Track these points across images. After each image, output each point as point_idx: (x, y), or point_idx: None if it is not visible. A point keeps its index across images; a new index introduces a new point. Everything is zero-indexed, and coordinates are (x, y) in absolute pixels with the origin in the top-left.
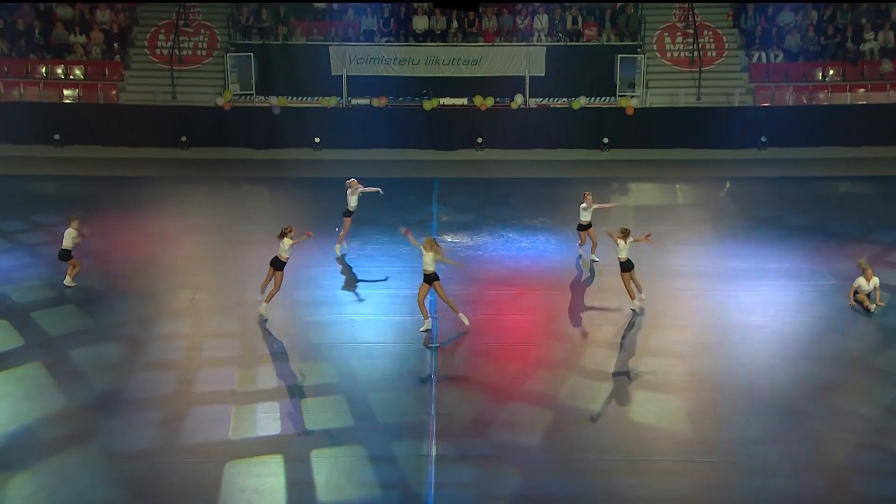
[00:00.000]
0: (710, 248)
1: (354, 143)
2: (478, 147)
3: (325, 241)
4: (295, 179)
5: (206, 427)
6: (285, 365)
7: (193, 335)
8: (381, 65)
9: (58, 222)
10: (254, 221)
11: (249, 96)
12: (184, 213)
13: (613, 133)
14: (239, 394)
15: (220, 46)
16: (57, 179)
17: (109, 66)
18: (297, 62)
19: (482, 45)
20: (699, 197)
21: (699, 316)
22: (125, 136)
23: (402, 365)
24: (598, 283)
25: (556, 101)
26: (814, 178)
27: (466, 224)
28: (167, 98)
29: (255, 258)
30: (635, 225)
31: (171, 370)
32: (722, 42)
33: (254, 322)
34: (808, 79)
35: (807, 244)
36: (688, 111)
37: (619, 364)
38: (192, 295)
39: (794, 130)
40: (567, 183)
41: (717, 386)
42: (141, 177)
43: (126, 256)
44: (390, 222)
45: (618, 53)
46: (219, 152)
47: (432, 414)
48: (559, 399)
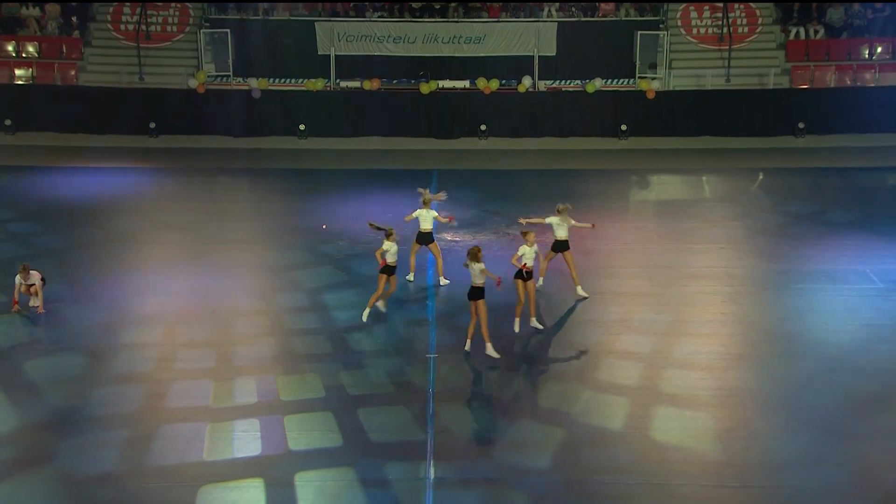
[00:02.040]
0: (741, 247)
1: (344, 131)
2: (481, 135)
3: (311, 241)
4: (277, 171)
5: (177, 447)
6: (266, 378)
7: (163, 345)
8: (373, 43)
9: (8, 218)
10: (231, 218)
11: (226, 78)
12: (152, 208)
13: (632, 119)
14: (214, 410)
15: (192, 22)
16: (7, 171)
17: (67, 42)
18: (280, 40)
19: (486, 22)
20: (728, 191)
21: (728, 324)
22: (86, 123)
23: (396, 377)
24: (615, 287)
25: (568, 83)
26: (858, 168)
27: (468, 221)
28: (133, 79)
29: (232, 259)
30: (657, 222)
31: (139, 384)
32: (755, 16)
33: (230, 330)
34: (853, 57)
35: (850, 243)
36: (716, 94)
37: (639, 377)
38: (163, 300)
39: (835, 116)
40: (581, 175)
41: (748, 402)
42: (104, 168)
43: (87, 257)
44: (384, 218)
45: (637, 30)
46: (192, 140)
47: (430, 432)
48: (571, 416)
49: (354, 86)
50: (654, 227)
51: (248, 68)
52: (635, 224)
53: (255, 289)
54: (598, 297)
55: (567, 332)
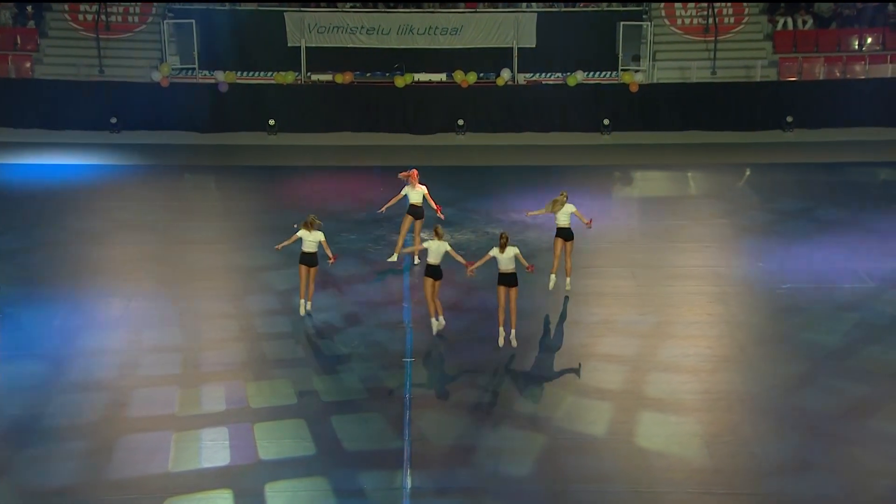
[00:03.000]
0: (728, 246)
1: (315, 126)
2: (459, 130)
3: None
4: (246, 168)
5: (141, 458)
6: (235, 384)
7: (127, 350)
8: (345, 34)
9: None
10: (198, 217)
11: (191, 71)
12: (115, 207)
13: (615, 114)
14: (180, 418)
15: (155, 12)
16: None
17: (22, 33)
18: (247, 31)
19: (463, 12)
20: (714, 187)
21: (715, 325)
22: (43, 117)
23: (370, 383)
24: (598, 287)
25: (548, 76)
26: (848, 164)
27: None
28: (93, 72)
29: (199, 260)
30: (641, 220)
31: (100, 391)
32: (741, 7)
33: (198, 335)
34: (842, 48)
35: (840, 241)
36: (701, 87)
37: (623, 381)
38: (126, 303)
39: (825, 109)
40: (562, 172)
41: (735, 405)
42: (63, 165)
43: (46, 258)
44: (358, 217)
45: (620, 20)
46: (155, 136)
47: (406, 439)
48: (553, 421)
49: (326, 79)
50: (638, 226)
51: (214, 61)
52: (619, 222)
53: (223, 291)
54: (581, 297)
55: (548, 335)
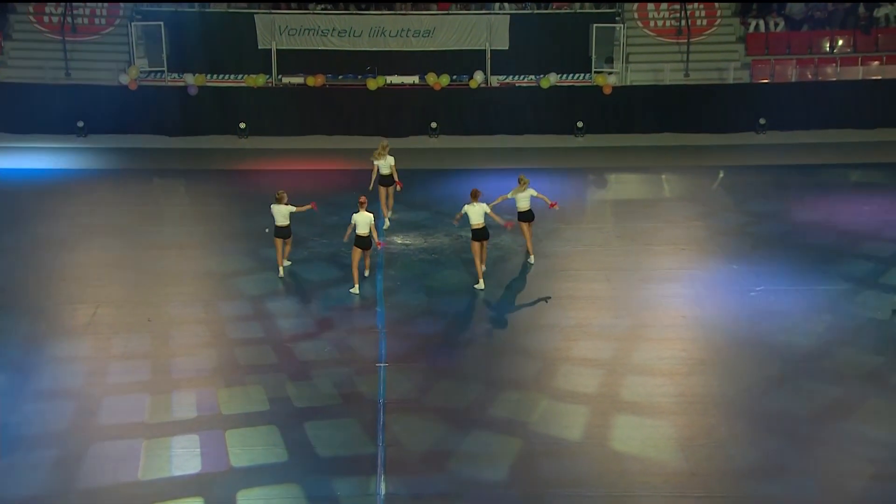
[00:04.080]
0: (703, 248)
1: (286, 130)
2: (431, 133)
3: (253, 246)
4: (216, 172)
5: (110, 467)
6: (206, 391)
7: (95, 357)
8: (316, 37)
9: None
10: (167, 222)
11: (160, 74)
12: (82, 212)
13: (589, 116)
14: (151, 426)
15: (122, 13)
16: None
17: None
18: (217, 33)
19: (435, 14)
20: (688, 189)
21: (690, 327)
22: (7, 122)
23: (344, 388)
24: (572, 291)
25: (521, 79)
26: (820, 165)
27: (419, 223)
28: (59, 75)
29: (168, 265)
30: (615, 223)
31: (68, 399)
32: (713, 9)
33: (168, 341)
34: (814, 50)
35: (813, 243)
36: (674, 90)
37: (598, 384)
38: (94, 310)
39: (797, 111)
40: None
41: (710, 408)
42: (28, 169)
43: (10, 264)
44: (329, 222)
45: (593, 23)
46: (123, 140)
47: (380, 445)
48: (528, 425)
49: (297, 82)
50: (612, 228)
51: (183, 63)
52: (593, 225)
53: (193, 296)
54: (556, 301)
55: (523, 338)
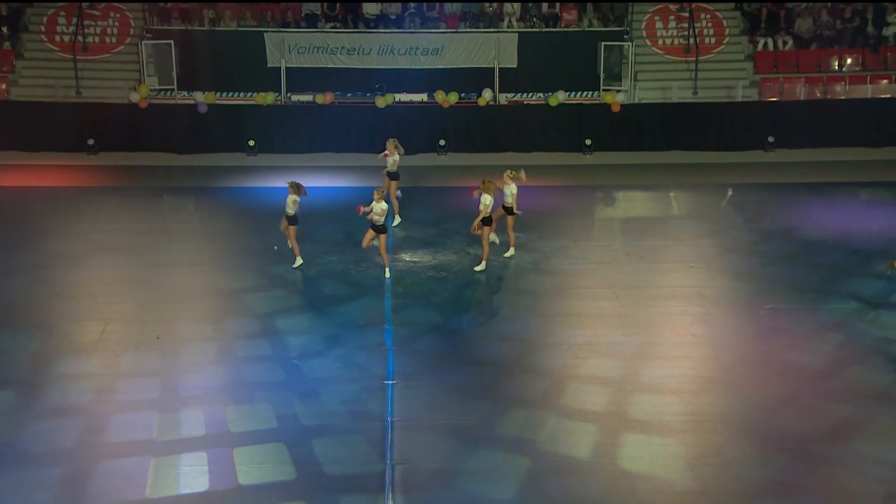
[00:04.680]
0: (711, 266)
1: (295, 147)
2: (440, 150)
3: (262, 263)
4: (225, 189)
5: (118, 484)
6: (214, 408)
7: (103, 375)
8: (325, 55)
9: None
10: (176, 239)
11: (170, 92)
12: (92, 230)
13: (597, 133)
14: (158, 444)
15: (133, 32)
16: None
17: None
18: (227, 52)
19: (444, 32)
20: (697, 207)
21: (699, 346)
22: (18, 140)
23: (352, 406)
24: (581, 309)
25: (530, 96)
26: (830, 183)
27: (427, 240)
28: (70, 94)
29: (177, 282)
30: (623, 241)
31: (76, 417)
32: (722, 27)
33: (176, 358)
34: (823, 69)
35: (823, 261)
36: (683, 107)
37: (606, 402)
38: (103, 327)
39: (806, 129)
40: (544, 192)
41: (719, 427)
42: (38, 187)
43: (19, 282)
44: (337, 239)
45: (601, 41)
46: (133, 158)
47: (389, 463)
48: (536, 444)
49: (306, 100)
50: (620, 246)
51: (193, 81)
52: (601, 243)
53: (202, 313)
54: (563, 318)
55: (531, 356)
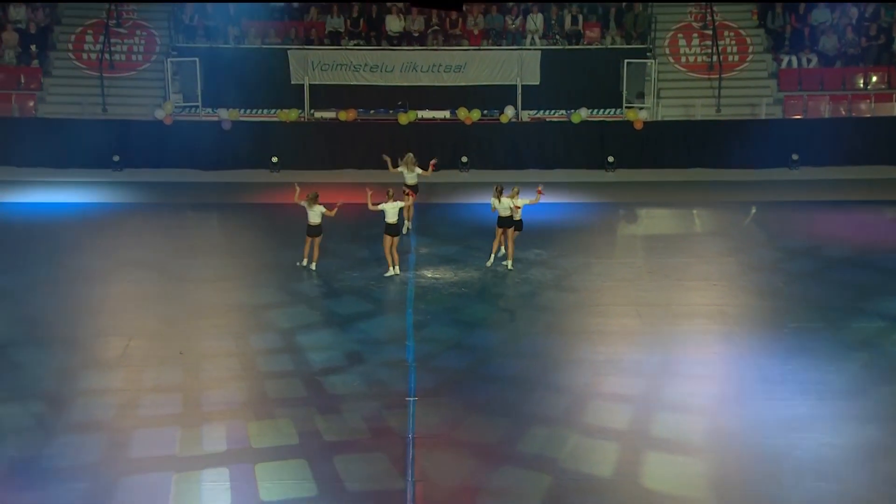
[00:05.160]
0: (734, 284)
1: (318, 164)
2: (462, 167)
3: (285, 279)
4: (248, 206)
5: (141, 499)
6: (237, 424)
7: (127, 390)
8: (349, 72)
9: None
10: (199, 255)
11: (194, 109)
12: (116, 245)
13: (619, 151)
14: (181, 459)
15: (159, 50)
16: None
17: (26, 72)
18: (251, 69)
19: (467, 50)
20: (720, 225)
21: (722, 364)
22: (46, 156)
23: (373, 422)
24: (603, 326)
25: (552, 113)
26: (855, 202)
27: (449, 257)
28: (96, 111)
29: (200, 298)
30: (646, 258)
31: (100, 432)
32: (745, 44)
33: (199, 373)
34: (847, 87)
35: (848, 279)
36: (706, 125)
37: (629, 420)
38: (126, 342)
39: (830, 147)
40: (566, 209)
41: (744, 446)
42: (64, 203)
43: (45, 297)
44: (360, 256)
45: (624, 58)
46: (158, 174)
47: (410, 480)
48: (559, 462)
49: (329, 116)
50: (643, 263)
51: (217, 98)
52: (623, 260)
53: (225, 329)
54: (585, 336)
55: (553, 373)
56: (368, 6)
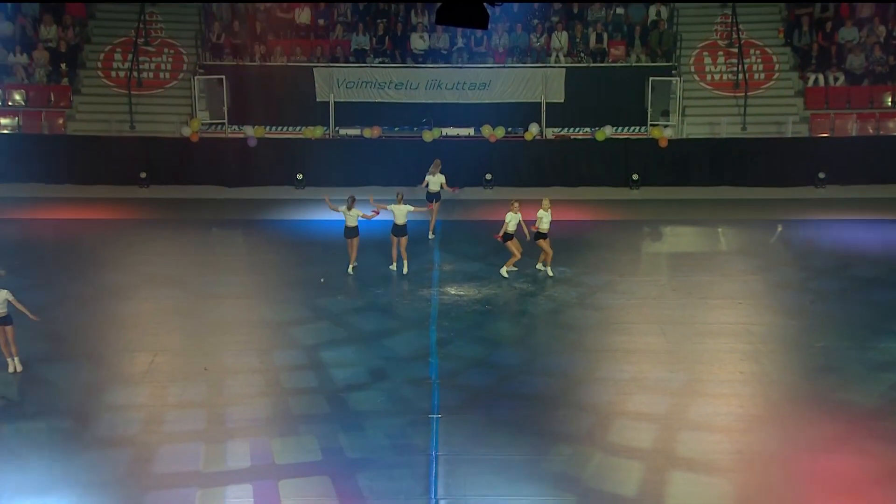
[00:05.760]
0: (760, 302)
1: (343, 180)
2: (486, 185)
3: (309, 295)
4: (273, 222)
5: None
6: (260, 440)
7: (152, 406)
8: (373, 89)
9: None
10: (225, 271)
11: (221, 126)
12: (142, 261)
13: (644, 168)
14: (205, 475)
15: (186, 68)
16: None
17: (56, 90)
18: (277, 86)
19: (491, 67)
20: (746, 243)
21: (747, 383)
22: (74, 173)
23: (397, 439)
24: (627, 344)
25: (577, 131)
26: (882, 220)
27: (473, 274)
28: (124, 128)
29: (225, 314)
30: (670, 276)
31: (125, 447)
32: (771, 62)
33: (223, 390)
34: (875, 105)
35: (875, 299)
36: (731, 143)
37: (653, 439)
38: (151, 358)
39: (857, 165)
40: (591, 226)
41: (769, 467)
42: (92, 220)
43: (72, 313)
44: (383, 272)
45: (649, 76)
46: (184, 191)
47: (433, 498)
48: (583, 481)
49: (354, 133)
50: (667, 281)
51: (243, 116)
52: (648, 278)
53: (249, 345)
54: (609, 354)
55: (577, 391)
56: (394, 23)
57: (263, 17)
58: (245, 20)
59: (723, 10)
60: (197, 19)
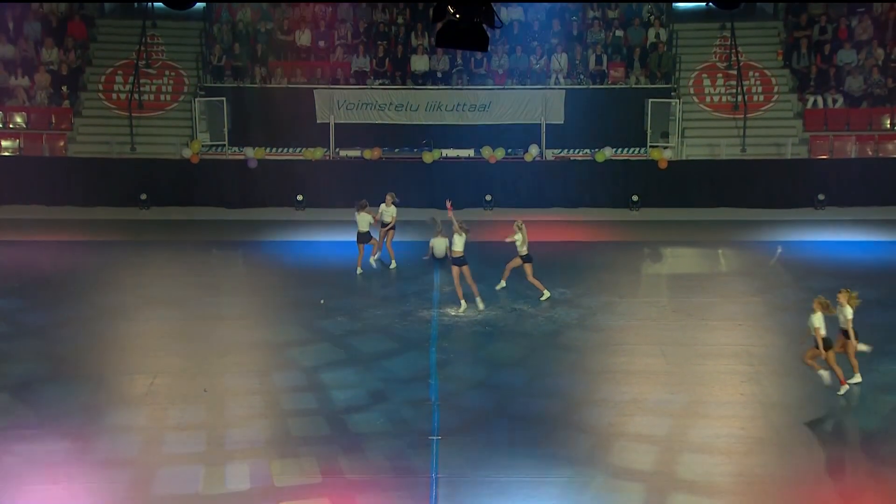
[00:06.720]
0: (761, 324)
1: (343, 202)
2: (486, 206)
3: (309, 317)
4: (274, 244)
5: None
6: (260, 462)
7: (151, 427)
8: (374, 111)
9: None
10: (225, 293)
11: (221, 147)
12: (142, 283)
13: (644, 190)
14: (204, 497)
15: (187, 90)
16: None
17: (57, 112)
18: (277, 108)
19: (491, 89)
20: (745, 264)
21: (748, 405)
22: (74, 195)
23: (397, 461)
24: (627, 366)
25: (576, 152)
26: (882, 242)
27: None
28: (125, 150)
29: (225, 336)
30: (670, 298)
31: (124, 469)
32: (770, 84)
33: (222, 411)
34: (874, 127)
35: (876, 322)
36: (731, 164)
37: (654, 461)
38: (151, 379)
39: (857, 187)
40: (590, 247)
41: (770, 489)
42: (92, 241)
43: (73, 334)
44: (384, 293)
45: (648, 98)
46: (185, 212)
47: None
48: (583, 503)
49: (354, 155)
50: (667, 303)
51: (244, 137)
52: (648, 299)
53: (248, 367)
54: (609, 375)
55: (577, 413)
56: (394, 45)
57: (264, 38)
58: (246, 42)
59: (722, 32)
60: (198, 41)
